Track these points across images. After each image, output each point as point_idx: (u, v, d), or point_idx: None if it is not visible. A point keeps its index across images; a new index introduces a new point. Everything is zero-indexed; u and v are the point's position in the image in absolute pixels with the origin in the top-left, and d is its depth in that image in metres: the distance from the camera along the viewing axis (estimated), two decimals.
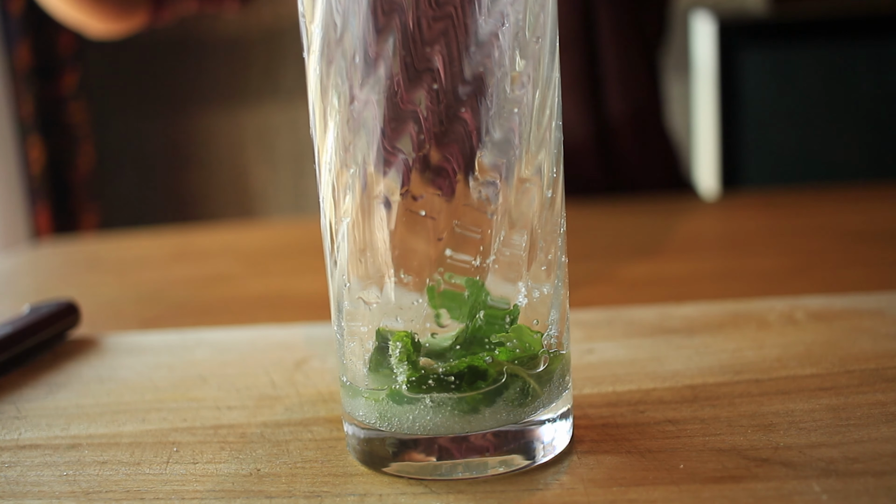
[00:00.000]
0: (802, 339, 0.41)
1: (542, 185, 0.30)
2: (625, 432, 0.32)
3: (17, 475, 0.32)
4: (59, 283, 0.72)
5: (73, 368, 0.44)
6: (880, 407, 0.33)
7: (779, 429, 0.31)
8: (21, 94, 1.75)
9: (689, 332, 0.43)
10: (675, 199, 0.92)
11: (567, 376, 0.32)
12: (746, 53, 1.83)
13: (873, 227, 0.72)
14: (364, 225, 0.29)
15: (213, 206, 2.15)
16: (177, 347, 0.47)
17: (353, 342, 0.31)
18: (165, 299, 0.63)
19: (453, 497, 0.28)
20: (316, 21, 0.28)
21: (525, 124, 0.29)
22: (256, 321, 0.53)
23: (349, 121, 0.28)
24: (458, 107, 0.28)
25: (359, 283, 0.30)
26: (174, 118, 2.11)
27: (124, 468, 0.32)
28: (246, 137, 2.11)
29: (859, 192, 0.87)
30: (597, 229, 0.77)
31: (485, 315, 0.29)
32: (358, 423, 0.31)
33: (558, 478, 0.29)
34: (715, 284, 0.58)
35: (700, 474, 0.29)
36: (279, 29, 2.03)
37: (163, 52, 2.05)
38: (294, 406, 0.37)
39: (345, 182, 0.29)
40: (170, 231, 0.93)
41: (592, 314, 0.47)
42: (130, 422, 0.37)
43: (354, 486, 0.30)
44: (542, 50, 0.29)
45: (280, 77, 2.06)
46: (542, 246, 0.30)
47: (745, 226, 0.77)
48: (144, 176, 2.14)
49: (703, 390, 0.36)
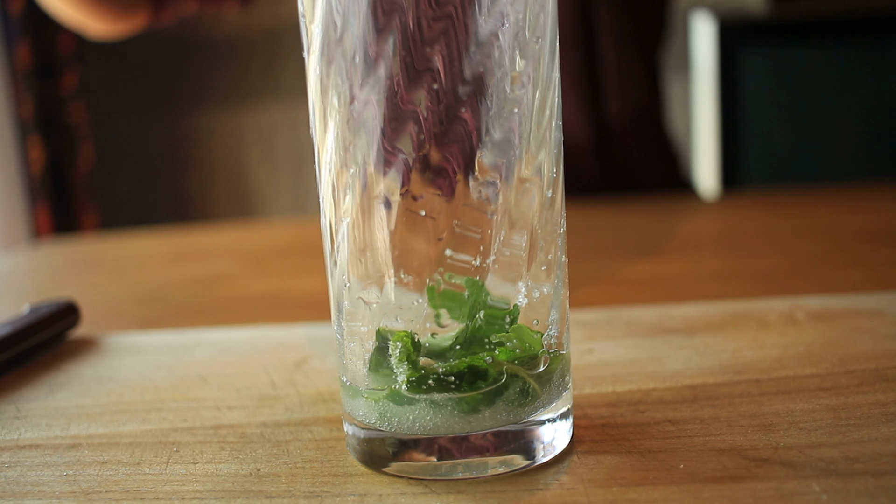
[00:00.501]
0: (802, 339, 0.41)
1: (542, 185, 0.30)
2: (625, 432, 0.32)
3: (17, 475, 0.32)
4: (59, 283, 0.72)
5: (73, 368, 0.44)
6: (880, 407, 0.33)
7: (779, 429, 0.31)
8: (21, 94, 1.75)
9: (689, 332, 0.43)
10: (675, 199, 0.92)
11: (567, 376, 0.32)
12: (746, 53, 1.83)
13: (873, 227, 0.72)
14: (364, 225, 0.29)
15: (213, 206, 2.15)
16: (177, 347, 0.47)
17: (353, 342, 0.31)
18: (165, 299, 0.63)
19: (453, 497, 0.28)
20: (316, 21, 0.28)
21: (525, 124, 0.29)
22: (256, 321, 0.53)
23: (349, 121, 0.28)
24: (458, 107, 0.28)
25: (359, 283, 0.30)
26: (174, 118, 2.11)
27: (124, 468, 0.32)
28: (246, 137, 2.11)
29: (859, 192, 0.87)
30: (597, 229, 0.77)
31: (485, 315, 0.29)
32: (358, 423, 0.31)
33: (558, 478, 0.29)
34: (715, 284, 0.58)
35: (700, 474, 0.29)
36: (279, 29, 2.03)
37: (163, 52, 2.06)
38: (294, 406, 0.37)
39: (345, 182, 0.29)
40: (170, 231, 0.93)
41: (592, 314, 0.47)
42: (130, 422, 0.37)
43: (354, 486, 0.30)
44: (542, 50, 0.29)
45: (280, 77, 2.06)
46: (542, 246, 0.30)
47: (745, 226, 0.77)
48: (144, 176, 2.14)
49: (703, 390, 0.36)
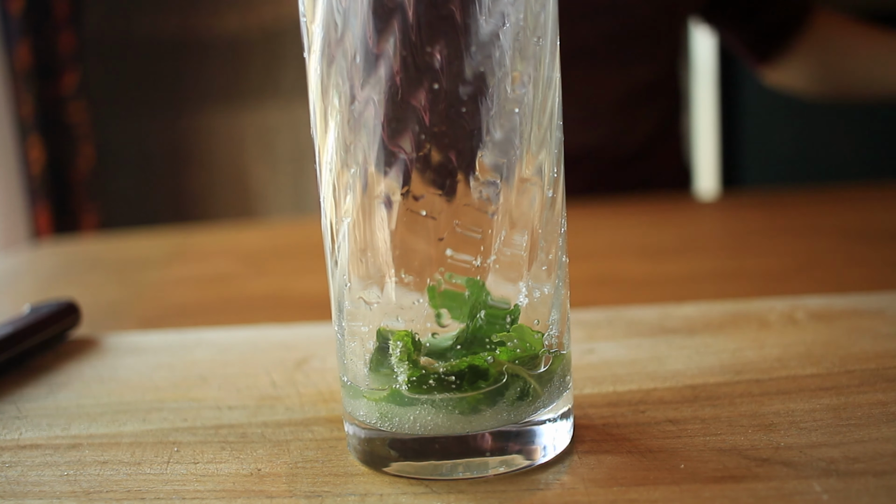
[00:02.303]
0: (803, 339, 0.41)
1: (542, 185, 0.30)
2: (625, 432, 0.32)
3: (17, 475, 0.32)
4: (59, 283, 0.72)
5: (73, 368, 0.44)
6: (881, 407, 0.33)
7: (779, 429, 0.31)
8: (21, 94, 1.75)
9: (690, 332, 0.43)
10: (675, 199, 0.92)
11: (568, 376, 0.32)
12: None
13: (873, 227, 0.72)
14: (365, 225, 0.29)
15: (213, 206, 2.15)
16: (177, 347, 0.47)
17: (353, 342, 0.31)
18: (165, 299, 0.63)
19: (454, 497, 0.28)
20: (317, 21, 0.28)
21: (526, 124, 0.29)
22: (256, 321, 0.53)
23: (350, 121, 0.28)
24: (458, 107, 0.28)
25: (359, 282, 0.30)
26: (174, 118, 2.11)
27: (125, 468, 0.32)
28: (246, 137, 2.11)
29: (859, 192, 0.87)
30: (597, 229, 0.78)
31: (485, 315, 0.29)
32: (359, 422, 0.31)
33: (559, 478, 0.29)
34: (715, 284, 0.58)
35: (701, 474, 0.29)
36: (279, 29, 2.03)
37: (163, 52, 2.05)
38: (295, 406, 0.37)
39: (345, 182, 0.29)
40: (170, 231, 0.93)
41: (593, 314, 0.47)
42: (131, 422, 0.37)
43: (355, 485, 0.30)
44: (543, 50, 0.29)
45: (280, 77, 2.06)
46: (543, 246, 0.30)
47: (745, 226, 0.77)
48: (144, 176, 2.14)
49: (704, 390, 0.36)
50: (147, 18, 2.01)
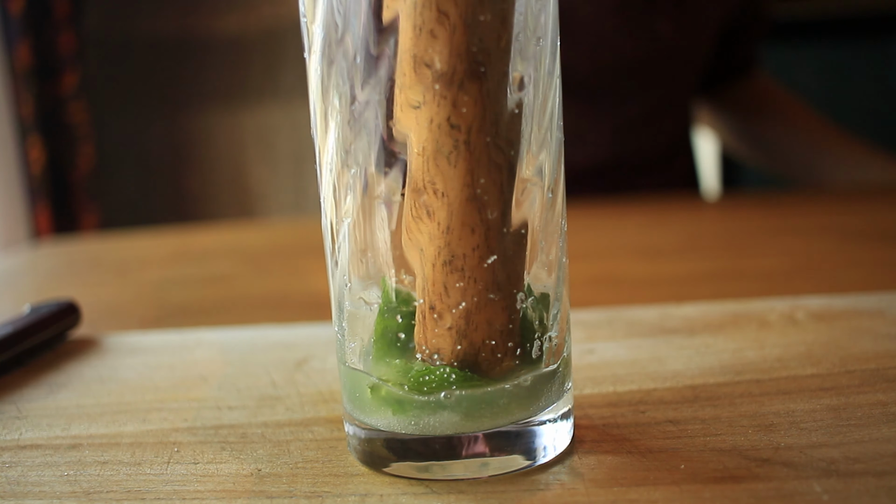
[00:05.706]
0: (803, 340, 0.41)
1: (543, 185, 0.30)
2: (626, 432, 0.32)
3: (17, 475, 0.32)
4: (59, 283, 0.72)
5: (73, 368, 0.44)
6: (881, 407, 0.33)
7: (780, 429, 0.31)
8: (21, 94, 1.75)
9: (690, 332, 0.43)
10: (675, 199, 0.92)
11: (568, 377, 0.32)
12: None
13: (873, 227, 0.72)
14: (365, 225, 0.29)
15: (213, 206, 2.15)
16: (177, 347, 0.47)
17: (353, 342, 0.31)
18: (165, 299, 0.63)
19: (454, 497, 0.28)
20: (317, 21, 0.28)
21: (526, 125, 0.29)
22: (256, 321, 0.53)
23: (350, 121, 0.28)
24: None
25: (360, 283, 0.30)
26: (174, 118, 2.11)
27: (125, 468, 0.32)
28: (246, 137, 2.11)
29: (859, 192, 0.87)
30: (597, 229, 0.78)
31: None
32: (359, 423, 0.31)
33: (559, 478, 0.29)
34: (715, 284, 0.58)
35: (701, 474, 0.29)
36: (279, 29, 2.03)
37: (163, 52, 2.05)
38: (295, 406, 0.37)
39: (346, 182, 0.29)
40: (170, 231, 0.93)
41: (593, 314, 0.47)
42: (131, 422, 0.37)
43: (355, 486, 0.30)
44: (544, 50, 0.29)
45: (280, 77, 2.06)
46: (543, 246, 0.30)
47: (745, 226, 0.77)
48: (144, 176, 2.14)
49: (704, 390, 0.36)
50: (147, 19, 2.01)
